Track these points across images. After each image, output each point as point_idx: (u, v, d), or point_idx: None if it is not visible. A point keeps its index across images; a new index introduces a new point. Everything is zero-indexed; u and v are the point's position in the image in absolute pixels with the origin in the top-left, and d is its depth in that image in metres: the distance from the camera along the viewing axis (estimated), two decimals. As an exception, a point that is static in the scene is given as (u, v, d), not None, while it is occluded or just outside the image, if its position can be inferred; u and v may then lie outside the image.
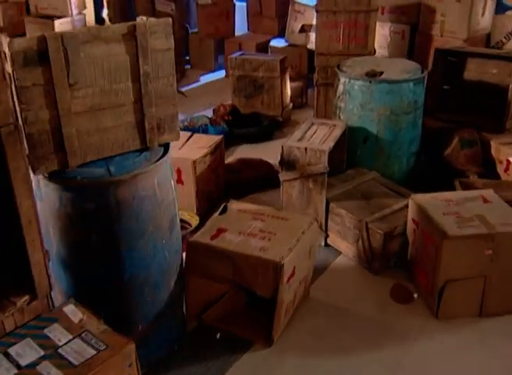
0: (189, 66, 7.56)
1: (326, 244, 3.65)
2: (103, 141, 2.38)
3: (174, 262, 2.67)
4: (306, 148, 3.41)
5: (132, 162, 2.41)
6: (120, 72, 2.33)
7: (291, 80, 5.92)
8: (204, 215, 3.90)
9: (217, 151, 4.00)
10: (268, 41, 6.65)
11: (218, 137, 4.09)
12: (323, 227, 3.59)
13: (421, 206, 3.10)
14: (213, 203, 4.06)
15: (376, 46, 5.36)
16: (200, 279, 2.87)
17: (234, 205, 3.13)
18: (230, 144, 5.16)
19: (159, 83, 2.45)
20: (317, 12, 4.81)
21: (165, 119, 2.52)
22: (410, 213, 3.24)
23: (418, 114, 3.87)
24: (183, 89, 6.78)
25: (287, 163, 3.50)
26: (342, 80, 3.88)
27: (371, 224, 3.31)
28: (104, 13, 8.06)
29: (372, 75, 3.75)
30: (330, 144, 3.48)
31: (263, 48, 6.58)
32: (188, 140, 4.07)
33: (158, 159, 2.46)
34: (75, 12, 6.25)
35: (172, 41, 2.42)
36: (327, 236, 3.63)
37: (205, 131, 5.04)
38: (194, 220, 3.71)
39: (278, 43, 6.56)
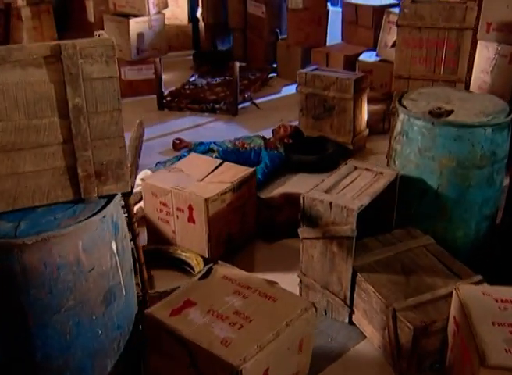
0: (275, 75, 6.98)
1: (351, 322, 2.91)
2: (20, 188, 1.90)
3: (114, 340, 2.13)
4: (331, 203, 2.70)
5: (52, 219, 1.90)
6: (42, 104, 1.82)
7: (374, 101, 5.14)
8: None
9: (244, 187, 3.39)
10: (359, 54, 5.87)
11: (248, 170, 3.47)
12: (347, 301, 2.85)
13: (465, 305, 2.27)
14: (235, 247, 3.46)
15: (477, 70, 4.42)
16: (161, 358, 2.31)
17: (221, 269, 2.51)
18: (285, 171, 4.53)
19: (98, 120, 1.91)
20: (398, 26, 4.01)
21: (107, 165, 1.98)
22: (453, 309, 2.42)
23: (497, 169, 2.97)
24: (261, 100, 6.24)
25: (308, 218, 2.81)
26: (400, 116, 3.09)
27: (400, 313, 2.52)
28: (199, 12, 7.76)
29: (438, 114, 2.92)
30: (364, 200, 2.73)
31: (351, 61, 5.82)
32: (215, 170, 3.50)
33: (90, 216, 1.92)
34: (153, 11, 5.92)
35: (116, 67, 1.86)
36: (352, 312, 2.88)
37: (257, 155, 4.45)
38: (198, 268, 3.14)
39: (368, 57, 5.76)
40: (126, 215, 2.47)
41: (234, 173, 3.44)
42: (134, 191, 3.80)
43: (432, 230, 3.06)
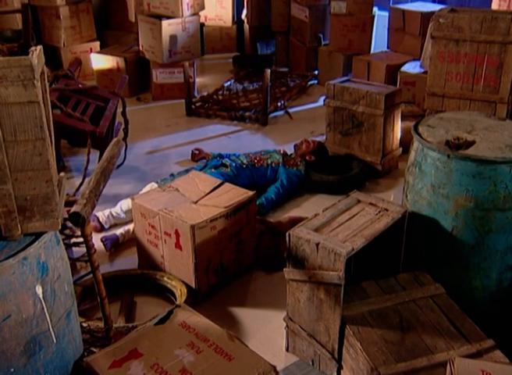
0: (315, 82, 6.61)
1: (339, 377, 2.57)
2: None
3: (40, 393, 1.89)
4: (317, 245, 2.36)
5: (-38, 259, 1.68)
6: (-49, 131, 1.60)
7: (412, 117, 4.71)
8: (208, 293, 3.06)
9: (240, 213, 3.09)
10: (403, 64, 5.41)
11: (246, 194, 3.16)
12: (335, 354, 2.51)
13: (458, 383, 1.89)
14: (228, 277, 3.17)
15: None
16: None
17: (181, 315, 2.22)
18: (304, 191, 4.19)
19: (19, 151, 1.67)
20: (432, 38, 3.58)
21: (32, 200, 1.74)
22: (446, 384, 2.03)
23: (524, 213, 2.53)
24: (296, 109, 5.91)
25: (294, 258, 2.49)
26: (414, 144, 2.70)
27: (386, 380, 2.16)
28: (243, 14, 7.51)
29: (455, 145, 2.51)
30: (358, 243, 2.37)
31: (394, 71, 5.37)
32: (212, 191, 3.21)
33: (6, 258, 1.68)
34: (187, 13, 5.69)
35: (37, 91, 1.61)
36: (340, 367, 2.53)
37: (274, 172, 4.13)
38: (181, 299, 2.87)
39: (412, 68, 5.29)
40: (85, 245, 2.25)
41: (232, 196, 3.15)
42: (129, 208, 3.63)
43: (445, 277, 2.66)
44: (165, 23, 5.65)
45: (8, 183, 1.68)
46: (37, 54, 1.68)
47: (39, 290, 1.79)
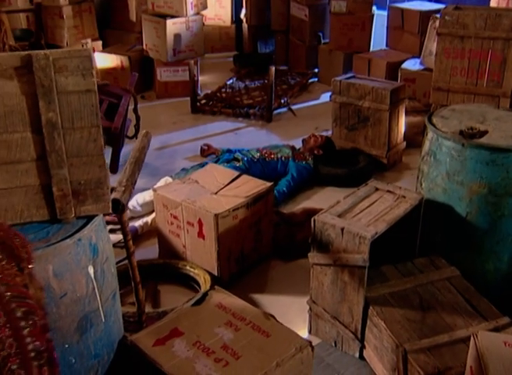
0: (316, 80, 6.75)
1: (361, 357, 2.68)
2: (-9, 206, 1.78)
3: (90, 369, 2.00)
4: (342, 229, 2.48)
5: (22, 240, 1.77)
6: (13, 118, 1.70)
7: (414, 113, 4.86)
8: (229, 281, 3.16)
9: (259, 203, 3.20)
10: (403, 62, 5.56)
11: (265, 185, 3.27)
12: (358, 335, 2.63)
13: (483, 355, 2.00)
14: (248, 266, 3.28)
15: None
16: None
17: (216, 296, 2.34)
18: (313, 184, 4.31)
19: (75, 137, 1.77)
20: (438, 35, 3.72)
21: (86, 184, 1.84)
22: (470, 357, 2.15)
23: (535, 198, 2.67)
24: (298, 106, 6.03)
25: (319, 243, 2.60)
26: (429, 135, 2.83)
27: (411, 356, 2.28)
28: (242, 14, 7.62)
29: (469, 135, 2.65)
30: (380, 227, 2.49)
31: (394, 68, 5.52)
32: (231, 182, 3.32)
33: (63, 239, 1.78)
34: (191, 12, 5.80)
35: (94, 80, 1.72)
36: (363, 346, 2.65)
37: (284, 166, 4.25)
38: (205, 287, 2.97)
39: (412, 65, 5.44)
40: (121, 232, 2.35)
41: (250, 187, 3.26)
42: (148, 200, 3.73)
43: (459, 260, 2.79)
44: (169, 22, 5.74)
45: (64, 168, 1.78)
46: (90, 46, 1.78)
47: (91, 270, 1.89)
